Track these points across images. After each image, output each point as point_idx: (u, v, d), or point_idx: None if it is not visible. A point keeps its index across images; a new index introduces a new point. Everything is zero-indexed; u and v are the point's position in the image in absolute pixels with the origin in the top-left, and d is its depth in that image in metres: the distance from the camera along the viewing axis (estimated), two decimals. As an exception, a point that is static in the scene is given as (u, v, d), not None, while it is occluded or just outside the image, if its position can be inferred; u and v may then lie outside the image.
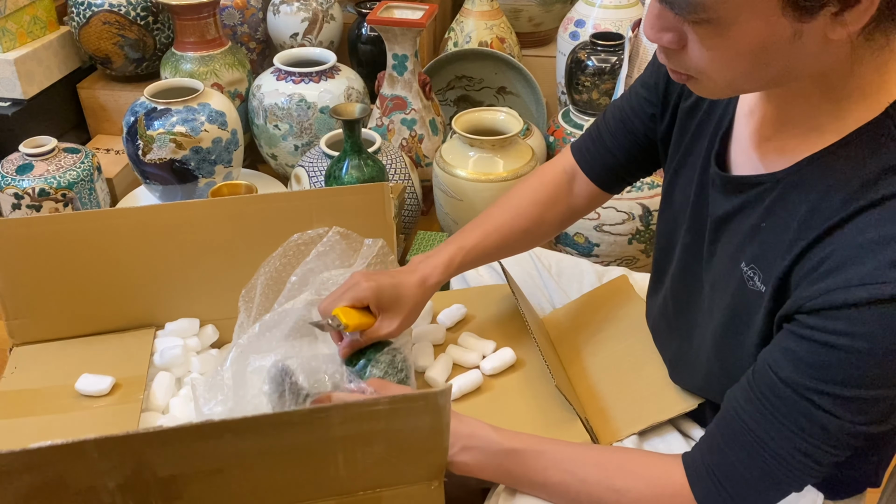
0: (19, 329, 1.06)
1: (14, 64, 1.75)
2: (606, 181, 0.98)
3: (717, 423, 0.73)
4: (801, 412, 0.65)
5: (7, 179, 1.54)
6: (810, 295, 0.63)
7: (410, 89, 1.68)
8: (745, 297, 0.73)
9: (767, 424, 0.67)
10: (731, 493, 0.71)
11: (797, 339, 0.65)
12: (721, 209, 0.77)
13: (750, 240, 0.72)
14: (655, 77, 0.89)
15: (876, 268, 0.60)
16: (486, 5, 1.98)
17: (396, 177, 1.55)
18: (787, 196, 0.69)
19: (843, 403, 0.64)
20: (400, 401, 0.67)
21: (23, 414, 0.95)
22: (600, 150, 0.97)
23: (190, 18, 1.73)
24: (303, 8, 1.97)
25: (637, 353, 0.98)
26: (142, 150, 1.54)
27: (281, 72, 1.74)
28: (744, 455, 0.69)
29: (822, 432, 0.65)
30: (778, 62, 0.62)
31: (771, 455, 0.68)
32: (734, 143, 0.78)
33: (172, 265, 1.08)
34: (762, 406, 0.68)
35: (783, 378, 0.66)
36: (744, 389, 0.70)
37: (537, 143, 1.78)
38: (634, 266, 1.52)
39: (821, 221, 0.64)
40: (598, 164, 0.97)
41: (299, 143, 1.75)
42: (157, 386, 1.00)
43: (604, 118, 0.97)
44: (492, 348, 1.02)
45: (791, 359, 0.65)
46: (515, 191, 1.02)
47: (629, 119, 0.93)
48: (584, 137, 0.99)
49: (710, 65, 0.63)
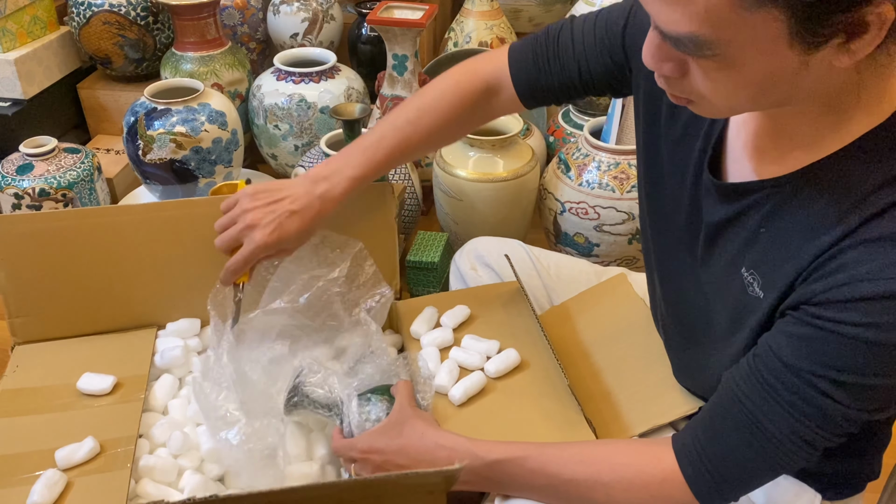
0: (21, 327, 1.06)
1: (14, 64, 1.76)
2: (533, 100, 0.97)
3: (713, 404, 0.73)
4: (801, 396, 0.66)
5: (7, 179, 1.54)
6: (816, 290, 0.64)
7: (410, 89, 1.68)
8: (745, 303, 0.73)
9: (766, 406, 0.67)
10: (722, 474, 0.71)
11: (802, 326, 0.65)
12: (717, 216, 0.76)
13: (749, 247, 0.72)
14: (611, 45, 0.88)
15: (884, 265, 0.60)
16: (486, 5, 1.98)
17: (396, 177, 1.55)
18: (788, 203, 0.68)
19: (846, 389, 0.64)
20: (412, 476, 0.73)
21: (24, 412, 0.95)
22: (541, 72, 0.94)
23: (190, 18, 1.73)
24: (303, 8, 1.97)
25: (637, 354, 0.98)
26: (142, 150, 1.54)
27: (281, 72, 1.74)
28: (738, 436, 0.69)
29: (822, 417, 0.65)
30: (782, 89, 0.61)
31: (767, 437, 0.68)
32: (728, 150, 0.77)
33: (174, 265, 1.08)
34: (762, 388, 0.68)
35: (784, 361, 0.66)
36: (743, 371, 0.70)
37: (537, 143, 1.78)
38: (634, 266, 1.53)
39: (827, 229, 0.64)
40: (532, 85, 0.95)
41: (299, 143, 1.75)
42: (158, 387, 1.00)
43: (556, 41, 0.93)
44: (496, 348, 1.02)
45: (795, 343, 0.65)
46: (427, 99, 0.99)
47: (585, 57, 0.91)
48: (526, 52, 0.95)
49: (713, 93, 0.63)
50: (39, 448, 0.90)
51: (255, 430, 0.84)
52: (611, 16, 0.89)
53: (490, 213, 1.53)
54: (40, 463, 0.88)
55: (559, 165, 1.59)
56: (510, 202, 1.54)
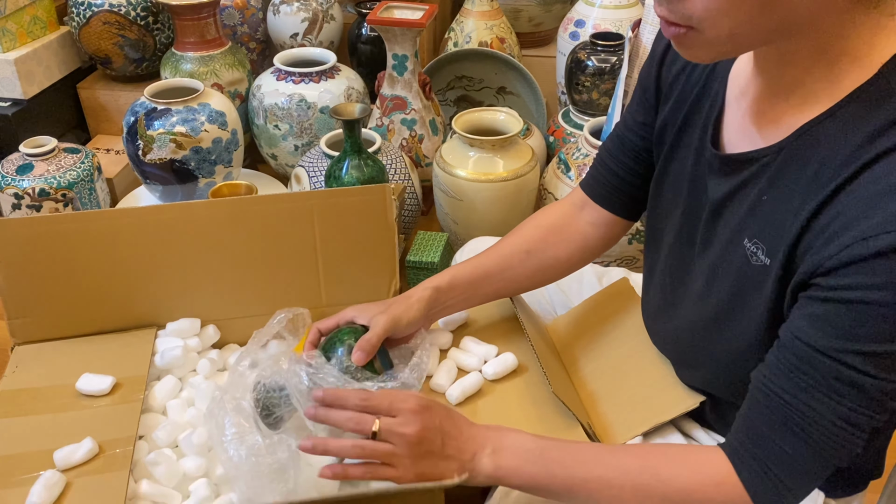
0: (21, 328, 1.06)
1: (14, 64, 1.75)
2: (615, 203, 0.97)
3: (750, 404, 0.71)
4: (835, 376, 0.64)
5: (7, 179, 1.54)
6: (824, 256, 0.63)
7: (410, 89, 1.68)
8: (749, 275, 0.72)
9: (804, 395, 0.66)
10: (777, 473, 0.69)
11: (818, 303, 0.64)
12: (720, 191, 0.76)
13: (751, 216, 0.72)
14: (644, 85, 0.90)
15: (886, 217, 0.59)
16: (486, 5, 1.98)
17: (396, 177, 1.55)
18: (788, 166, 0.69)
19: (877, 360, 0.62)
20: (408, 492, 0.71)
21: (23, 413, 0.95)
22: (603, 172, 0.97)
23: (190, 18, 1.73)
24: (303, 8, 1.97)
25: (639, 356, 0.98)
26: (142, 150, 1.54)
27: (281, 72, 1.74)
28: (784, 432, 0.68)
29: (860, 394, 0.64)
30: (779, 9, 0.61)
31: (812, 426, 0.66)
32: (727, 125, 0.78)
33: (173, 265, 1.08)
34: (795, 378, 0.66)
35: (811, 345, 0.65)
36: (772, 366, 0.68)
37: (537, 143, 1.78)
38: (634, 266, 1.52)
39: (825, 183, 0.64)
40: (604, 187, 0.97)
41: (299, 143, 1.75)
42: (158, 388, 1.00)
43: (603, 145, 0.98)
44: (494, 353, 1.02)
45: (816, 324, 0.64)
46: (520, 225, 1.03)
47: (624, 136, 0.94)
48: (589, 169, 1.00)
49: (713, 9, 0.62)
50: (38, 449, 0.89)
51: (267, 445, 0.82)
52: (632, 98, 0.93)
53: (490, 213, 1.53)
54: (39, 464, 0.87)
55: (559, 165, 1.59)
56: (510, 202, 1.53)
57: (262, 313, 1.01)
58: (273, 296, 1.09)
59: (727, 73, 0.79)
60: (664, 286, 0.89)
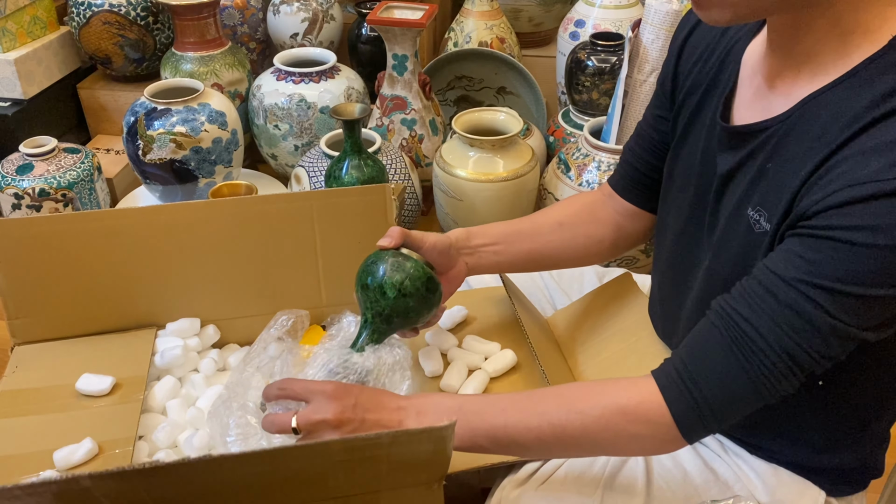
0: (21, 328, 1.06)
1: (14, 64, 1.76)
2: (638, 195, 0.98)
3: (700, 325, 0.71)
4: (792, 307, 0.64)
5: (7, 179, 1.54)
6: (811, 202, 0.63)
7: (410, 89, 1.68)
8: (753, 243, 0.72)
9: (756, 319, 0.65)
10: (703, 393, 0.68)
11: (797, 239, 0.64)
12: (727, 164, 0.76)
13: (755, 185, 0.72)
14: (662, 81, 0.91)
15: (881, 167, 0.59)
16: (486, 5, 1.98)
17: (396, 177, 1.55)
18: (793, 133, 0.69)
19: (838, 300, 0.62)
20: (402, 434, 0.66)
21: (23, 413, 0.95)
22: (625, 167, 0.99)
23: (190, 18, 1.73)
24: (303, 8, 1.97)
25: (640, 350, 0.98)
26: (142, 150, 1.54)
27: (281, 72, 1.74)
28: (726, 353, 0.67)
29: (811, 330, 0.63)
30: None
31: (754, 354, 0.66)
32: (737, 102, 0.78)
33: (173, 265, 1.08)
34: (752, 303, 0.66)
35: (778, 274, 0.64)
36: (734, 292, 0.68)
37: (537, 143, 1.78)
38: (634, 266, 1.52)
39: (828, 143, 0.64)
40: (626, 179, 0.99)
41: (299, 143, 1.75)
42: (158, 388, 1.00)
43: (627, 142, 1.00)
44: (497, 350, 1.02)
45: (788, 257, 0.64)
46: None
47: (643, 131, 0.96)
48: (616, 165, 1.02)
49: None
50: (38, 449, 0.89)
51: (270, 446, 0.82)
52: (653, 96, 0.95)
53: (490, 213, 1.53)
54: (39, 464, 0.87)
55: (559, 165, 1.59)
56: (510, 202, 1.54)
57: (262, 313, 1.01)
58: (273, 296, 1.09)
59: (740, 56, 0.79)
60: (674, 266, 0.89)
